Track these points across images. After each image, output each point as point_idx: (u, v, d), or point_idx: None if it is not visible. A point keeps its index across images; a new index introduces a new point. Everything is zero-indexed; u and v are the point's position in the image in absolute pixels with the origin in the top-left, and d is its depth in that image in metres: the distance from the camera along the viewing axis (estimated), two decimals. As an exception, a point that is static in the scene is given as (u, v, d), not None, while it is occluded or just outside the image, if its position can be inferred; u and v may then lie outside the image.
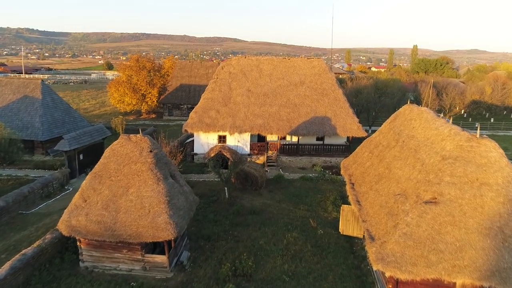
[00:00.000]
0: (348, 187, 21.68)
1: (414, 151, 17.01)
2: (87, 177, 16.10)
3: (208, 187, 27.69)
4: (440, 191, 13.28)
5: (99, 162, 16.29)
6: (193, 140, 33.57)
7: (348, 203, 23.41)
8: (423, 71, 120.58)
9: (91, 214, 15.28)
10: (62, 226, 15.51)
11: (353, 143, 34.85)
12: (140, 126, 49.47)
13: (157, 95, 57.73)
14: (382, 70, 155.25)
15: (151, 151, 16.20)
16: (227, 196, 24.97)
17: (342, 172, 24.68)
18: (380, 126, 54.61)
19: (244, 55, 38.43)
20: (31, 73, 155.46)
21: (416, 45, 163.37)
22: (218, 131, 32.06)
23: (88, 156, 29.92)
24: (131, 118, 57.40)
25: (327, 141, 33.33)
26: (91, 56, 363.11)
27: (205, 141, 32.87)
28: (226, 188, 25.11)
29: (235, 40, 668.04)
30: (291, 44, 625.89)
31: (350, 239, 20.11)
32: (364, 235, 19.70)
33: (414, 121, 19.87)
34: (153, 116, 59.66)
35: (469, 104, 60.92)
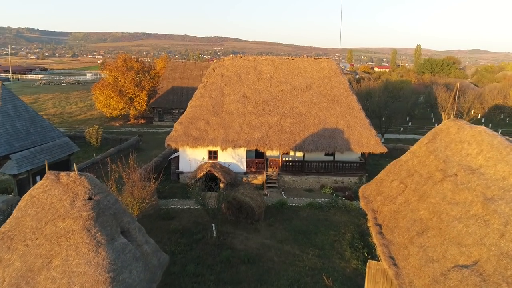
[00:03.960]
0: (373, 231, 16.23)
1: (482, 196, 11.55)
2: (-8, 238, 10.68)
3: (193, 218, 22.30)
4: (559, 286, 7.86)
5: (11, 216, 10.86)
6: (178, 156, 28.14)
7: (372, 253, 18.00)
8: (429, 72, 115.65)
9: (-9, 299, 9.88)
10: (-50, 317, 10.11)
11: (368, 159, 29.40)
12: (125, 134, 44.15)
13: (146, 98, 52.38)
14: (387, 70, 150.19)
15: (90, 198, 10.80)
16: (214, 235, 19.57)
17: (362, 204, 19.22)
18: (394, 133, 49.39)
19: (244, 55, 32.83)
20: (24, 73, 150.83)
21: (420, 45, 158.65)
22: (207, 145, 26.64)
23: (49, 178, 24.55)
24: (117, 124, 52.06)
25: (338, 157, 27.86)
26: (91, 56, 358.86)
27: (193, 158, 27.45)
28: (213, 225, 19.69)
29: (236, 39, 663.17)
30: (292, 44, 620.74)
31: (380, 309, 14.64)
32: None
33: (469, 146, 14.39)
34: (142, 121, 54.27)
35: (491, 109, 55.27)
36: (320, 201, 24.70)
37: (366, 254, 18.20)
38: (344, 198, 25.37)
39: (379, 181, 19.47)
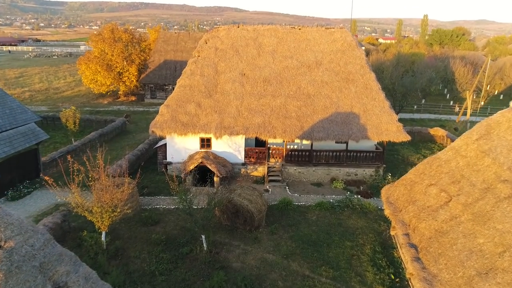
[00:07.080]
0: (407, 254, 12.53)
1: None
2: None
3: (180, 222, 18.67)
4: None
5: None
6: (166, 144, 24.24)
7: (400, 274, 14.31)
8: (437, 43, 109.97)
9: None
10: None
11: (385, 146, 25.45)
12: (112, 113, 40.11)
13: (136, 73, 47.89)
14: (393, 41, 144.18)
15: (-3, 247, 6.96)
16: (205, 249, 15.94)
17: (387, 212, 15.52)
18: (408, 113, 45.09)
19: (245, 25, 28.02)
20: (16, 45, 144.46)
21: (427, 15, 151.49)
22: (199, 132, 22.66)
23: (11, 172, 20.88)
24: (106, 102, 47.87)
25: (351, 145, 23.92)
26: (87, 27, 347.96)
27: (182, 146, 23.55)
28: (203, 237, 16.03)
29: (236, 9, 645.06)
30: (294, 14, 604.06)
31: None
32: None
33: (550, 150, 10.45)
34: (133, 98, 49.98)
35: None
36: (331, 200, 21.00)
37: (392, 277, 14.63)
38: (359, 196, 21.68)
39: (409, 184, 15.66)
